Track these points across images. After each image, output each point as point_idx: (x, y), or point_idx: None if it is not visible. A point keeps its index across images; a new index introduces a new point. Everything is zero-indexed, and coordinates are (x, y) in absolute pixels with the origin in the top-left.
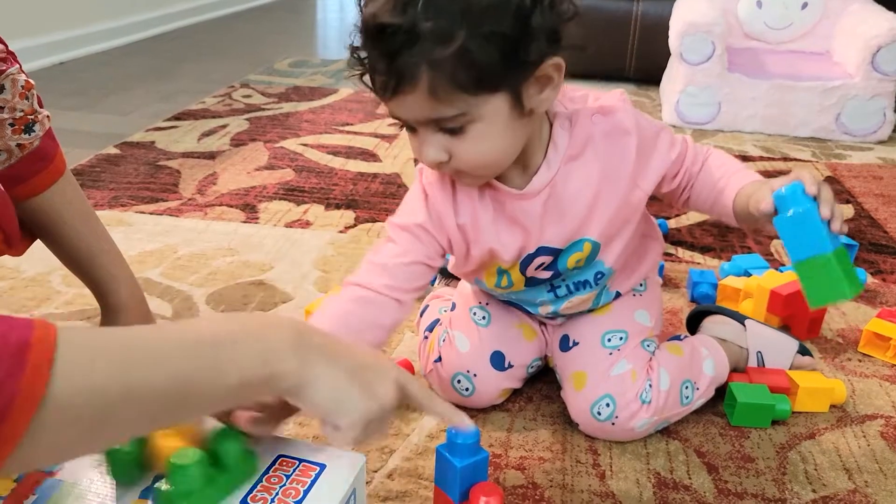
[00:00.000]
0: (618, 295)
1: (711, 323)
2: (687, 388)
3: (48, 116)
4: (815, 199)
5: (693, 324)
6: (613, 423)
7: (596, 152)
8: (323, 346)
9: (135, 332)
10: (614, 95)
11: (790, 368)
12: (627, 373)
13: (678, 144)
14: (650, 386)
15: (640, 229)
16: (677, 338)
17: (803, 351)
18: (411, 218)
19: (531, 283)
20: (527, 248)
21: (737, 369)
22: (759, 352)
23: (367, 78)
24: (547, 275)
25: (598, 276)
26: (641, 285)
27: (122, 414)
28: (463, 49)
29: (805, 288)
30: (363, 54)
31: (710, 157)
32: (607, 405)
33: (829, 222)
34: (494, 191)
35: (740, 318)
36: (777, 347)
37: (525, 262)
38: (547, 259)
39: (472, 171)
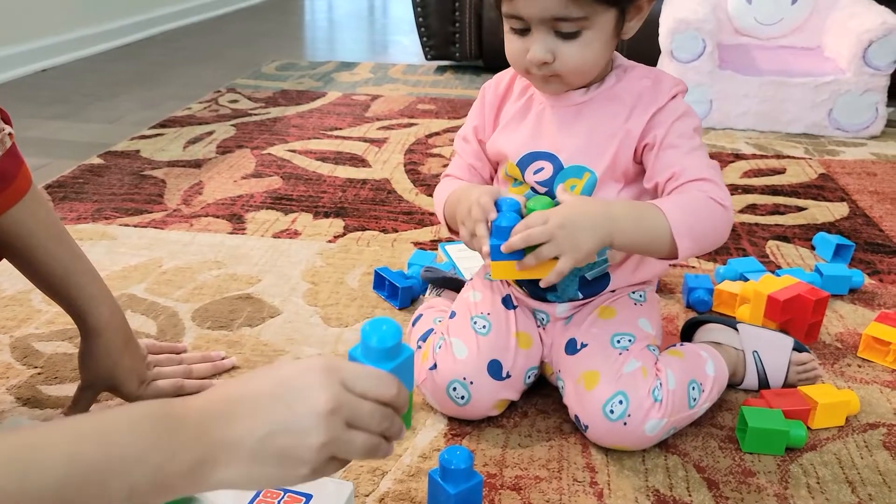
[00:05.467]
0: (607, 287)
1: (704, 331)
2: (693, 388)
3: (10, 134)
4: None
5: (687, 336)
6: (625, 424)
7: (629, 103)
8: (223, 437)
9: (21, 441)
10: (676, 79)
11: (789, 365)
12: (638, 369)
13: (701, 172)
14: (660, 384)
15: None
16: (673, 346)
17: (799, 348)
18: (464, 128)
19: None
20: (532, 146)
21: (735, 373)
22: (756, 352)
23: None
24: (542, 190)
25: None
26: (641, 296)
27: None
28: None
29: None
30: None
31: (695, 189)
32: (620, 402)
33: None
34: (534, 94)
35: (732, 324)
36: (772, 346)
37: (525, 161)
38: (547, 167)
39: (567, 74)
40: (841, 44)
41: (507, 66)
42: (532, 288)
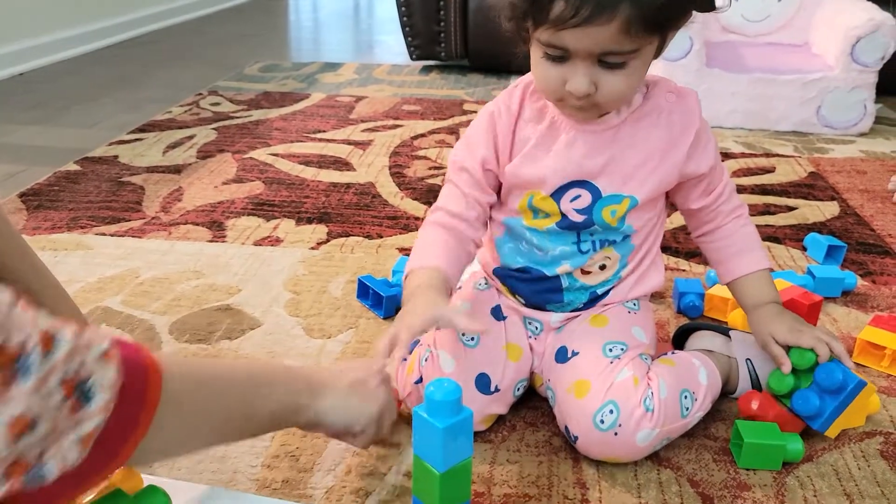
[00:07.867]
0: (606, 299)
1: (696, 338)
2: (686, 398)
3: None
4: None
5: (679, 343)
6: (616, 434)
7: (661, 123)
8: (326, 381)
9: (222, 366)
10: (691, 90)
11: None
12: (629, 378)
13: (724, 169)
14: (652, 394)
15: (655, 248)
16: (664, 354)
17: None
18: (463, 157)
19: (563, 224)
20: (568, 175)
21: (729, 381)
22: (749, 359)
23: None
24: (580, 218)
25: (624, 237)
26: (635, 304)
27: (208, 423)
28: None
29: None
30: None
31: (740, 217)
32: (611, 412)
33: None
34: (557, 118)
35: (724, 331)
36: (765, 354)
37: (560, 191)
38: (584, 195)
39: (607, 104)
40: (828, 40)
41: (491, 66)
42: (530, 297)
